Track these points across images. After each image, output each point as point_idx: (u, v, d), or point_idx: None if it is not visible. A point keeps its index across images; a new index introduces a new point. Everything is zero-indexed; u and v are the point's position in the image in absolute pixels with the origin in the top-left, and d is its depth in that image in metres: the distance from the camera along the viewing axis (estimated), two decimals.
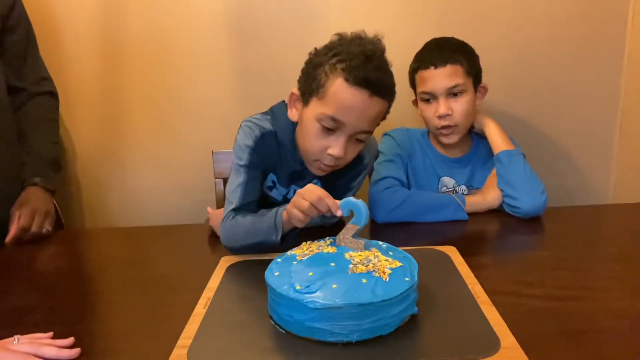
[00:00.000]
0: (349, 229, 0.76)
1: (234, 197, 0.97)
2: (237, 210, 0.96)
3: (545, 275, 0.84)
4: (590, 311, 0.72)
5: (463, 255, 0.89)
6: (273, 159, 1.01)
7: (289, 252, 0.76)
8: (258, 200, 1.01)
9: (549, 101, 1.54)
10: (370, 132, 0.94)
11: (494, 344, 0.61)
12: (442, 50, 1.19)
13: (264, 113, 1.04)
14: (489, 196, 1.16)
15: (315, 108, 0.91)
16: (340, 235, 0.76)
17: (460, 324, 0.67)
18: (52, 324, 0.73)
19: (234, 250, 0.95)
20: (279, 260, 0.74)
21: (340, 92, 0.87)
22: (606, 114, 1.56)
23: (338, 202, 0.78)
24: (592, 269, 0.88)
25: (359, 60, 0.87)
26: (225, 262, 0.91)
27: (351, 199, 0.77)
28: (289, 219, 0.86)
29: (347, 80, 0.87)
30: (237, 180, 0.98)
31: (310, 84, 0.92)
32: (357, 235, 0.76)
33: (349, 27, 1.55)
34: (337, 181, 1.04)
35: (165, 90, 1.50)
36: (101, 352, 0.67)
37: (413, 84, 1.26)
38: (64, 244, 1.13)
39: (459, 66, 1.17)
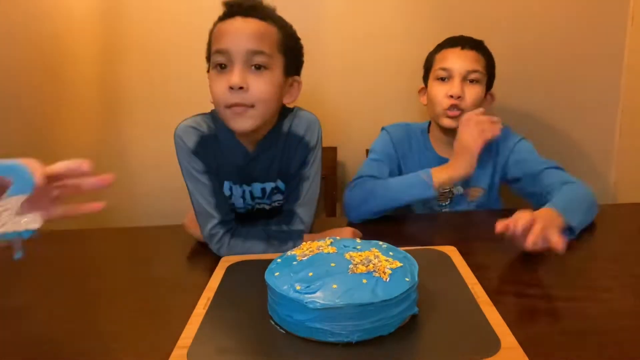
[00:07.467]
0: (8, 203, 0.53)
1: (211, 208, 0.96)
2: (224, 224, 0.96)
3: (545, 275, 0.84)
4: (590, 311, 0.72)
5: (463, 255, 0.89)
6: (219, 160, 0.99)
7: (289, 252, 0.76)
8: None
9: (548, 101, 1.54)
10: (263, 53, 0.91)
11: (494, 344, 0.61)
12: (472, 39, 1.24)
13: (202, 115, 1.03)
14: (458, 168, 1.11)
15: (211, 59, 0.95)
16: None
17: (460, 324, 0.67)
18: (52, 324, 0.73)
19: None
20: (279, 260, 0.74)
21: (217, 29, 0.94)
22: (606, 114, 1.56)
23: None
24: (592, 269, 0.88)
25: (227, 1, 0.94)
26: (225, 262, 0.91)
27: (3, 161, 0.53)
28: None
29: (220, 19, 0.95)
30: (204, 190, 0.97)
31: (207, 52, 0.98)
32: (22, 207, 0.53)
33: (352, 27, 1.56)
34: (288, 171, 1.01)
35: (165, 89, 1.49)
36: (101, 352, 0.67)
37: (429, 66, 1.27)
38: (64, 243, 1.12)
39: (482, 57, 1.22)
